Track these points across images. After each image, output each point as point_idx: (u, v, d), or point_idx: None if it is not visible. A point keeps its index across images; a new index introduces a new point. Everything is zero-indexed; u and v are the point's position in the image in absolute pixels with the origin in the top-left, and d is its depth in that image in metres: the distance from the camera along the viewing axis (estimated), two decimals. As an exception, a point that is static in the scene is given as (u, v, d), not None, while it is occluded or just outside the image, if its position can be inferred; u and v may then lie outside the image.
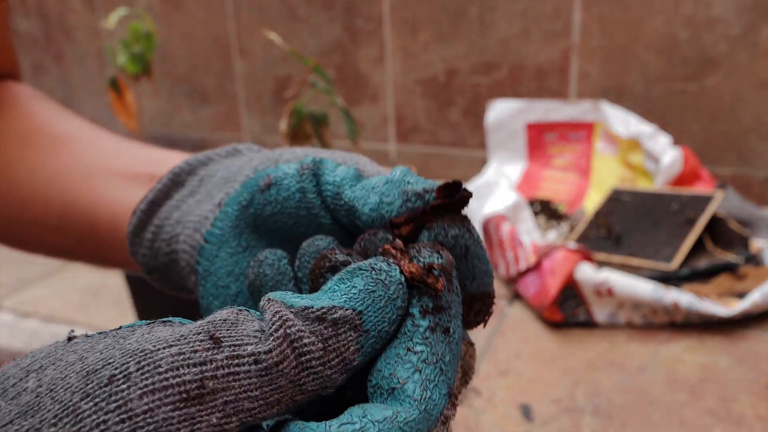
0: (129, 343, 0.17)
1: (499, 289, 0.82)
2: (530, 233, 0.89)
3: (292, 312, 0.19)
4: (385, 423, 0.18)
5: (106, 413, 0.16)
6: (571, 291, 0.71)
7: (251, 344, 0.18)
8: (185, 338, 0.17)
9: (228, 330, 0.18)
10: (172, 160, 0.34)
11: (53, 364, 0.17)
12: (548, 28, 1.07)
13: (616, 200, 0.90)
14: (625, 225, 0.84)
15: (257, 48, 1.30)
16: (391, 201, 0.22)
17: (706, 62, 0.99)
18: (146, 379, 0.16)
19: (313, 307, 0.19)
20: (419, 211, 0.20)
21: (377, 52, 1.20)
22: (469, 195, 0.21)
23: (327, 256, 0.22)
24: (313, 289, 0.22)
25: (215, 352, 0.17)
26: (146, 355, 0.17)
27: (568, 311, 0.71)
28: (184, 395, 0.16)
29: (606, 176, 1.00)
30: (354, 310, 0.19)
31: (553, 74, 1.09)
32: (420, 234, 0.21)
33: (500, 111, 1.08)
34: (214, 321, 0.18)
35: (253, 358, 0.18)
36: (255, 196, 0.27)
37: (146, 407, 0.16)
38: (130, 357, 0.17)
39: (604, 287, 0.69)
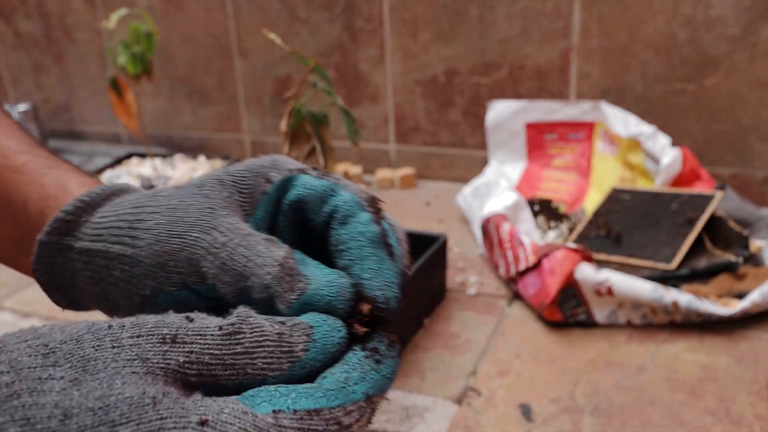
0: (129, 318, 0.24)
1: (499, 289, 0.82)
2: (530, 233, 0.89)
3: (257, 313, 0.25)
4: (311, 386, 0.23)
5: (101, 340, 0.22)
6: (571, 291, 0.71)
7: (217, 320, 0.24)
8: (167, 316, 0.24)
9: (199, 316, 0.24)
10: (25, 214, 0.35)
11: (70, 324, 0.23)
12: (548, 28, 1.07)
13: (616, 200, 0.90)
14: (625, 225, 0.85)
15: (257, 48, 1.30)
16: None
17: (706, 62, 0.99)
18: (135, 330, 0.23)
19: (277, 317, 0.25)
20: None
21: (377, 52, 1.20)
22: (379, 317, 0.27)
23: None
24: None
25: (188, 323, 0.23)
26: (138, 319, 0.23)
27: (568, 311, 0.71)
28: (161, 339, 0.23)
29: (606, 176, 1.00)
30: (309, 324, 0.25)
31: (553, 74, 1.09)
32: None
33: (500, 111, 1.08)
34: (196, 314, 0.24)
35: (217, 327, 0.24)
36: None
37: (133, 342, 0.22)
38: (129, 321, 0.23)
39: (604, 287, 0.70)
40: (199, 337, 0.23)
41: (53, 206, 0.34)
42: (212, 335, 0.23)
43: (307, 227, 0.30)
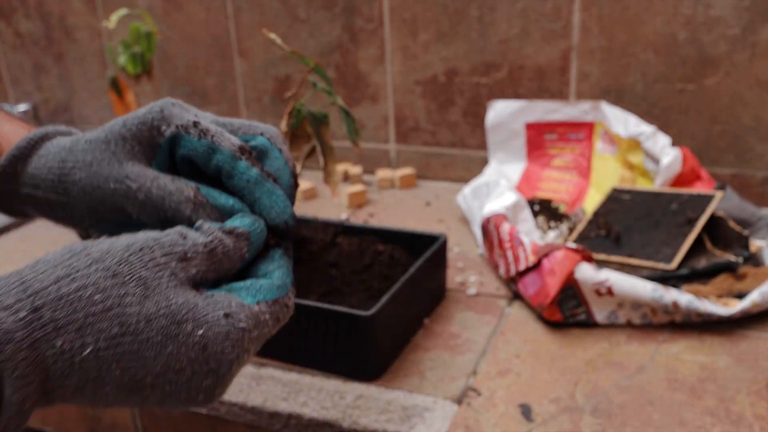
0: (140, 235, 0.33)
1: (499, 289, 0.82)
2: (530, 233, 0.89)
3: (217, 228, 0.35)
4: (269, 283, 0.35)
5: (145, 263, 0.31)
6: (570, 291, 0.71)
7: (201, 238, 0.34)
8: (168, 234, 0.33)
9: (186, 231, 0.34)
10: None
11: (99, 243, 0.32)
12: (548, 28, 1.07)
13: (615, 200, 0.90)
14: (625, 225, 0.85)
15: (257, 48, 1.30)
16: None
17: (706, 62, 0.99)
18: (160, 249, 0.32)
19: (226, 226, 0.35)
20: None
21: (377, 52, 1.20)
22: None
23: None
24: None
25: (185, 240, 0.33)
26: (156, 239, 0.32)
27: (568, 311, 0.71)
28: (180, 257, 0.32)
29: (606, 176, 1.00)
30: (248, 230, 0.36)
31: (552, 74, 1.09)
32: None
33: (500, 111, 1.08)
34: (180, 228, 0.34)
35: (203, 244, 0.34)
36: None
37: (164, 259, 0.32)
38: (149, 240, 0.32)
39: (604, 287, 0.70)
40: (197, 254, 0.33)
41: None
42: (202, 252, 0.33)
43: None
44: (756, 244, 0.79)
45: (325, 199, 1.17)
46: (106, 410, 0.77)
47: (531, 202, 0.98)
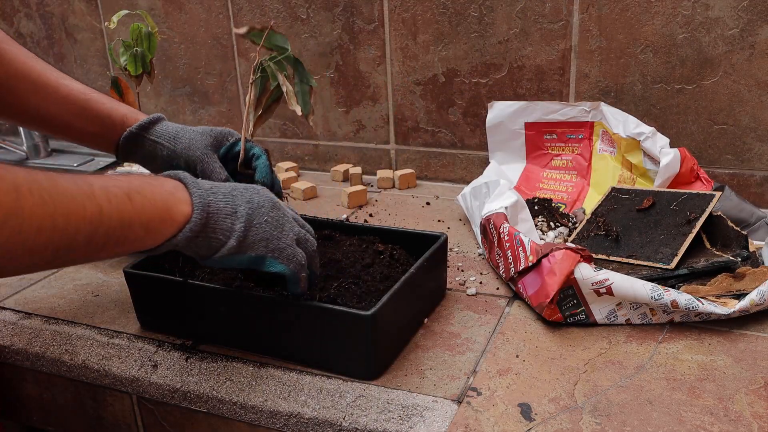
0: (269, 194, 0.65)
1: (499, 289, 0.82)
2: (530, 233, 0.89)
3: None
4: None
5: (277, 209, 0.64)
6: (570, 290, 0.71)
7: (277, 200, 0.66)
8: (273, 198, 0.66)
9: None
10: (111, 120, 0.79)
11: (256, 195, 0.64)
12: (548, 28, 1.07)
13: (615, 200, 0.90)
14: (624, 225, 0.85)
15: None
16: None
17: (704, 63, 0.99)
18: (281, 203, 0.66)
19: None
20: None
21: (377, 53, 1.20)
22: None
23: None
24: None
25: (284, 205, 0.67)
26: (276, 200, 0.65)
27: (568, 311, 0.72)
28: (290, 212, 0.67)
29: (605, 176, 1.01)
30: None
31: (552, 75, 1.09)
32: None
33: (500, 111, 1.08)
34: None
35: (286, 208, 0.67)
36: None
37: (286, 211, 0.65)
38: (274, 200, 0.65)
39: (603, 287, 0.70)
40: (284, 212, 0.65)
41: (131, 118, 0.78)
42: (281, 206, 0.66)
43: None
44: (755, 243, 0.80)
45: (325, 198, 1.17)
46: (107, 409, 0.77)
47: (531, 202, 0.99)
